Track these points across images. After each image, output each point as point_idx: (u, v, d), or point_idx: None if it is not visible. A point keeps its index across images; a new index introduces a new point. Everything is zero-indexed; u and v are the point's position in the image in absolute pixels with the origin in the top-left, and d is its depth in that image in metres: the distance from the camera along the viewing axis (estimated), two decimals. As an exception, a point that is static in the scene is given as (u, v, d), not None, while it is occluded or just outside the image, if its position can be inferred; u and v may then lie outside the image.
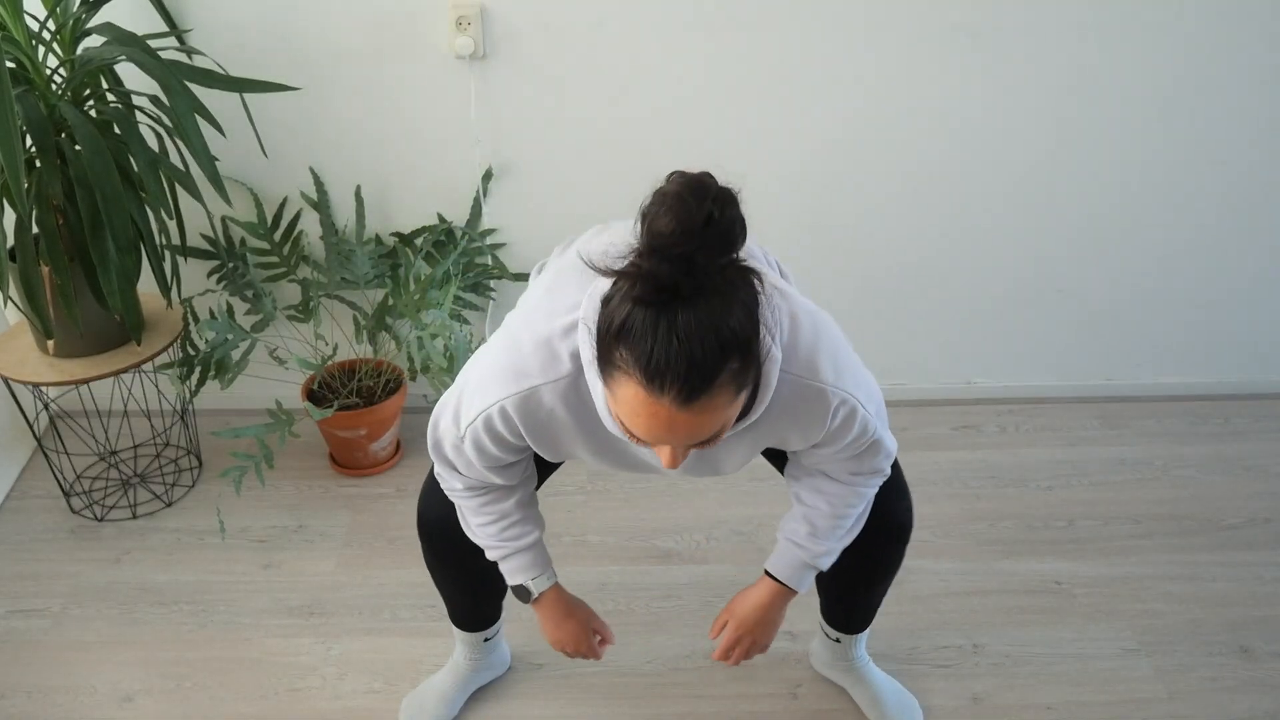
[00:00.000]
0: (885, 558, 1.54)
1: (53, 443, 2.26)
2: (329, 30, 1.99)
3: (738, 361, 0.97)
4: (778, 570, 1.43)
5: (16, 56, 1.76)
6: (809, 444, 1.26)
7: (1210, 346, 2.47)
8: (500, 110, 2.08)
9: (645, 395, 0.97)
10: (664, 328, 0.93)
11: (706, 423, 1.00)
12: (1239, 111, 2.12)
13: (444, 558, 1.54)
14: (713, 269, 0.94)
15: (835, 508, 1.37)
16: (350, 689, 1.82)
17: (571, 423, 1.21)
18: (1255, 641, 1.89)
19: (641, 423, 1.01)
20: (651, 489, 2.25)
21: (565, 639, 1.50)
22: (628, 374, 0.97)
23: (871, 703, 1.75)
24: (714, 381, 0.96)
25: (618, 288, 0.97)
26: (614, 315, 0.97)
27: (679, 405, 0.97)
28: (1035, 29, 2.01)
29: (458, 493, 1.39)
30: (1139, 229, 2.27)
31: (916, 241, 2.27)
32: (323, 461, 2.33)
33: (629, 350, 0.96)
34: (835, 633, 1.72)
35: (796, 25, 1.99)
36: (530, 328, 1.19)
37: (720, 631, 1.53)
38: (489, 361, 1.22)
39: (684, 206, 0.92)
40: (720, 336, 0.94)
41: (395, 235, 2.22)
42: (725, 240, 0.94)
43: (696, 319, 0.93)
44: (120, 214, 1.74)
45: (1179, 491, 2.25)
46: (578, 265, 1.18)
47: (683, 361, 0.93)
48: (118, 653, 1.88)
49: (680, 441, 1.03)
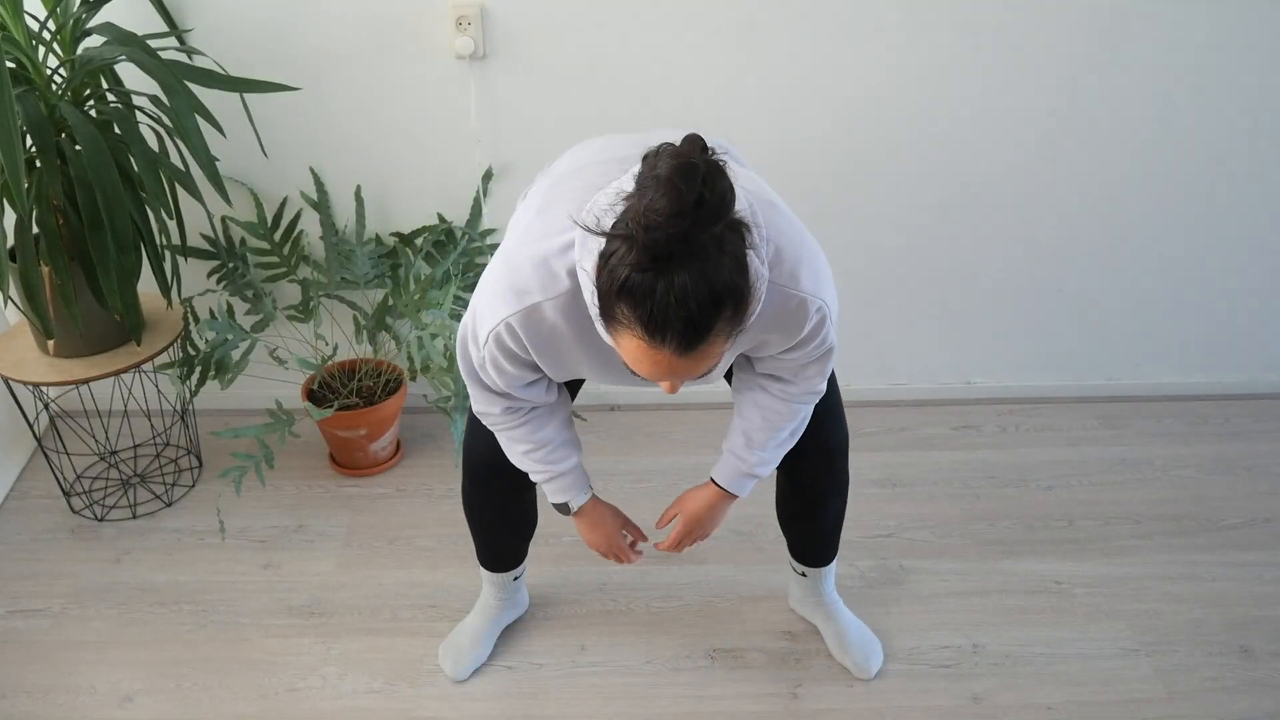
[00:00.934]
0: (823, 482, 1.65)
1: (53, 443, 2.26)
2: (329, 30, 1.99)
3: (730, 310, 1.04)
4: (720, 478, 1.56)
5: (17, 56, 1.76)
6: (786, 347, 1.32)
7: (1210, 346, 2.47)
8: (500, 110, 2.08)
9: (647, 347, 1.05)
10: (661, 288, 1.00)
11: (704, 363, 1.09)
12: (1239, 112, 2.12)
13: (489, 495, 1.66)
14: (705, 236, 1.00)
15: (770, 422, 1.46)
16: (350, 689, 1.82)
17: (573, 336, 1.26)
18: (1255, 641, 1.89)
19: (644, 367, 1.09)
20: (651, 489, 2.25)
21: (599, 540, 1.64)
22: (629, 328, 1.05)
23: (836, 637, 1.86)
24: (710, 332, 1.04)
25: (615, 247, 1.03)
26: (614, 275, 1.02)
27: (678, 354, 1.05)
28: (1037, 28, 2.01)
29: (497, 421, 1.46)
30: (1139, 229, 2.27)
31: (916, 241, 2.27)
32: (323, 461, 2.33)
33: (630, 308, 1.03)
34: (801, 566, 1.84)
35: (797, 25, 1.99)
36: (527, 247, 1.24)
37: (669, 523, 1.67)
38: (491, 283, 1.28)
39: (674, 190, 0.97)
40: (714, 291, 1.01)
41: (395, 235, 2.22)
42: (716, 213, 1.00)
43: (691, 277, 0.99)
44: (120, 214, 1.75)
45: (1179, 491, 2.25)
46: (566, 186, 1.27)
47: (680, 318, 1.01)
48: (118, 653, 1.88)
49: (680, 378, 1.13)
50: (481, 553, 1.81)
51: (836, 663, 1.85)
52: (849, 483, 1.71)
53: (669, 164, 0.99)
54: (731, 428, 1.53)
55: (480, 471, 1.63)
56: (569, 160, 1.39)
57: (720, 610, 1.96)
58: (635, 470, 2.31)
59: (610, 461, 2.33)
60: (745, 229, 1.04)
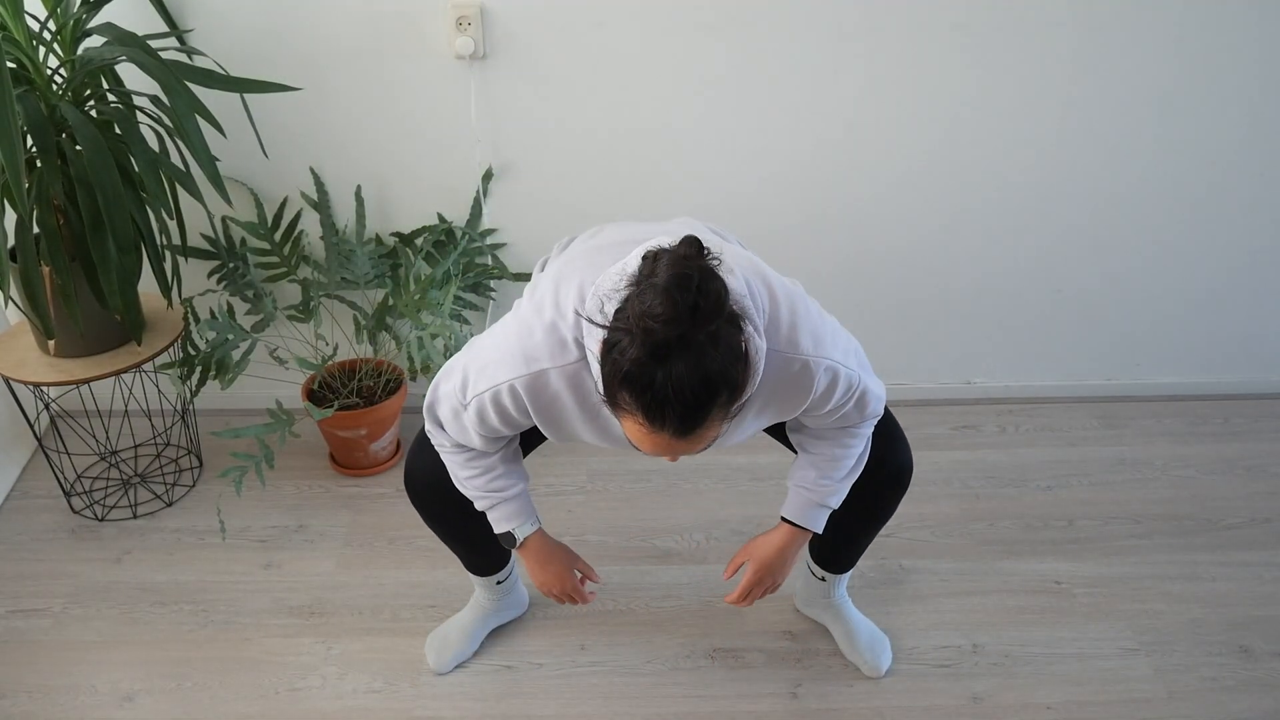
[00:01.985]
0: (885, 500, 1.63)
1: (53, 443, 2.26)
2: (329, 30, 1.99)
3: (726, 395, 1.10)
4: (792, 514, 1.55)
5: (17, 57, 1.76)
6: (800, 410, 1.36)
7: (1210, 346, 2.47)
8: (500, 110, 2.08)
9: (647, 431, 1.13)
10: (660, 379, 1.07)
11: (701, 442, 1.16)
12: (1238, 112, 2.12)
13: (435, 515, 1.64)
14: (701, 334, 1.07)
15: (836, 448, 1.49)
16: (350, 689, 1.82)
17: (574, 406, 1.32)
18: (1255, 641, 1.89)
19: (645, 446, 1.17)
20: (651, 488, 2.26)
21: (550, 581, 1.62)
22: (631, 413, 1.12)
23: (846, 637, 1.86)
24: (706, 416, 1.10)
25: (618, 339, 1.10)
26: (617, 366, 1.09)
27: (676, 437, 1.12)
28: (1034, 29, 2.01)
29: (446, 449, 1.49)
30: (1139, 229, 2.27)
31: (916, 241, 2.27)
32: (323, 461, 2.34)
33: (631, 396, 1.10)
34: (822, 571, 1.83)
35: (796, 25, 1.99)
36: (541, 315, 1.29)
37: (735, 572, 1.66)
38: (501, 342, 1.33)
39: (671, 300, 1.05)
40: (709, 380, 1.08)
41: (395, 235, 2.22)
42: (710, 316, 1.07)
43: (687, 368, 1.06)
44: (121, 214, 1.75)
45: (1179, 491, 2.25)
46: (583, 259, 1.32)
47: (678, 407, 1.08)
48: (118, 653, 1.88)
49: (679, 454, 1.19)
50: (461, 560, 1.79)
51: (836, 662, 1.85)
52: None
53: (666, 274, 1.07)
54: (796, 464, 1.55)
55: (424, 492, 1.60)
56: (584, 239, 1.47)
57: (720, 610, 1.96)
58: (635, 470, 2.31)
59: (610, 462, 2.33)
60: (740, 320, 1.11)
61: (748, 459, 2.33)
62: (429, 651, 1.86)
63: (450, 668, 1.85)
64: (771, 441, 2.26)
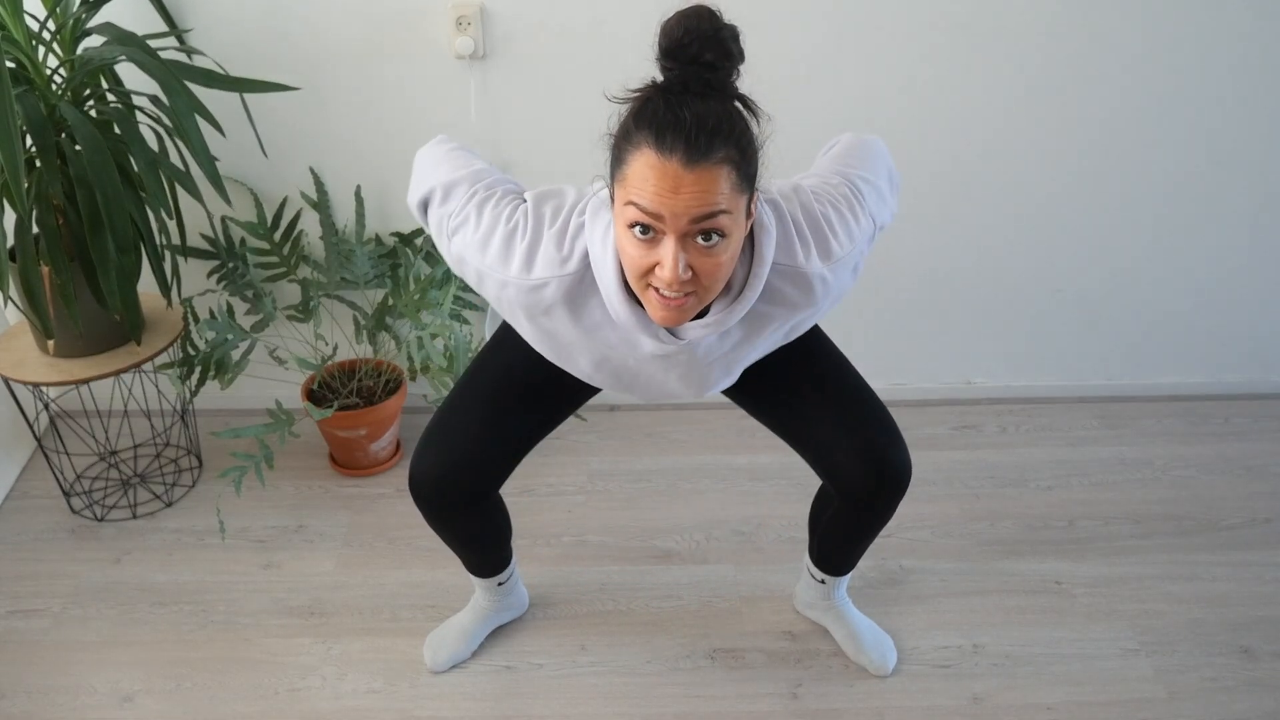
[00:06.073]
0: (884, 502, 1.62)
1: (53, 443, 2.26)
2: (329, 30, 1.99)
3: (735, 150, 1.10)
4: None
5: (16, 56, 1.76)
6: (803, 315, 1.36)
7: (1210, 346, 2.47)
8: (500, 110, 2.08)
9: (655, 157, 1.08)
10: (674, 104, 1.09)
11: (706, 193, 1.09)
12: (1239, 112, 2.12)
13: (439, 517, 1.61)
14: (716, 81, 1.10)
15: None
16: (350, 689, 1.82)
17: (568, 318, 1.31)
18: (1255, 641, 1.89)
19: (651, 186, 1.09)
20: (651, 488, 2.26)
21: None
22: (640, 146, 1.09)
23: (850, 638, 1.86)
24: (714, 150, 1.08)
25: (636, 94, 1.13)
26: (633, 109, 1.12)
27: (684, 165, 1.07)
28: (1034, 29, 2.01)
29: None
30: (1138, 229, 2.27)
31: (916, 242, 2.27)
32: (323, 461, 2.33)
33: (644, 123, 1.09)
34: (821, 574, 1.83)
35: (796, 24, 1.99)
36: (555, 219, 1.31)
37: None
38: (512, 233, 1.31)
39: (688, 18, 1.10)
40: (721, 120, 1.09)
41: (395, 235, 2.22)
42: (725, 47, 1.10)
43: (704, 106, 1.09)
44: (120, 214, 1.75)
45: (1179, 491, 2.25)
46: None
47: (688, 125, 1.07)
48: (118, 653, 1.88)
49: (684, 210, 1.10)
50: (462, 562, 1.79)
51: (836, 662, 1.85)
52: None
53: (681, 10, 1.12)
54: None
55: (428, 492, 1.57)
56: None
57: (720, 610, 1.96)
58: (635, 470, 2.31)
59: (610, 461, 2.33)
60: (754, 119, 1.16)
61: (748, 459, 2.33)
62: (426, 650, 1.86)
63: (446, 667, 1.84)
64: (772, 441, 2.26)
